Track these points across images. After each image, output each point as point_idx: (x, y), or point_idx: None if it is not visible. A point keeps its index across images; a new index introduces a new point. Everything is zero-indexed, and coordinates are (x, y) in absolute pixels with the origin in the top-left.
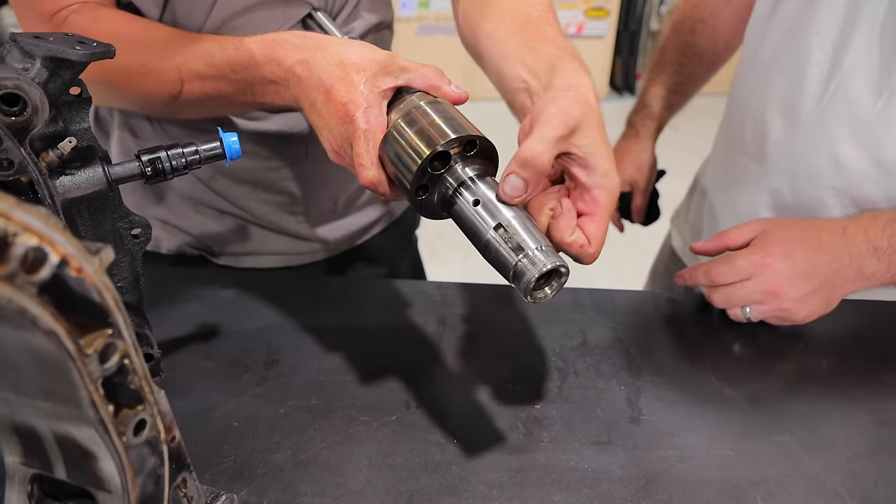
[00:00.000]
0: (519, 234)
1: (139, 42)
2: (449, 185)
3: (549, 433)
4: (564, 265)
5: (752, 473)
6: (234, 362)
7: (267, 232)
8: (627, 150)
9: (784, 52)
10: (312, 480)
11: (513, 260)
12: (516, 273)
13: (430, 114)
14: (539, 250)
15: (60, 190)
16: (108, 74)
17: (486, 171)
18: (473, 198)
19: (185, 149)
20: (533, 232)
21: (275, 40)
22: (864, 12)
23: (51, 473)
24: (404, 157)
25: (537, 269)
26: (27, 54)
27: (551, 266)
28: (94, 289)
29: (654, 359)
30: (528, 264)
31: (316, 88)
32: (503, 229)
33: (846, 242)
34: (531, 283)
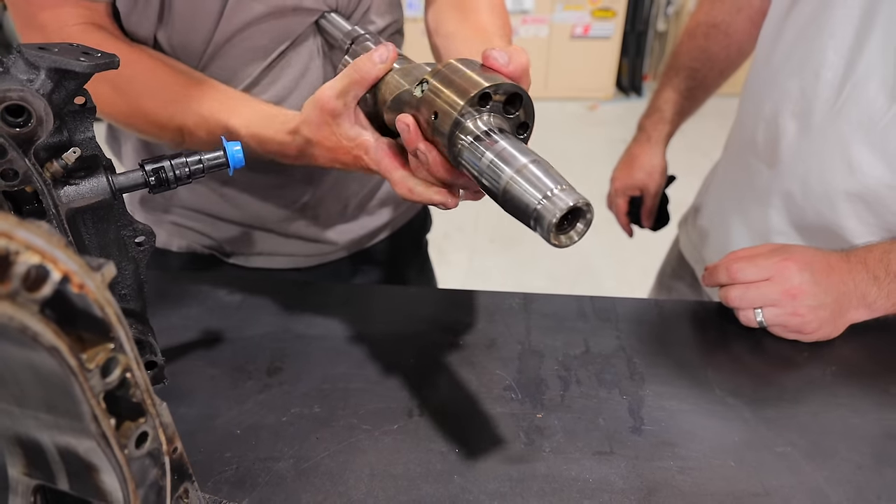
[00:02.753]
0: (538, 176)
1: (148, 89)
2: (463, 141)
3: (550, 443)
4: (587, 202)
5: (754, 485)
6: (237, 369)
7: (277, 235)
8: (638, 154)
9: (798, 54)
10: (314, 489)
11: (534, 201)
12: (538, 216)
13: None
14: (561, 190)
15: (65, 200)
16: (121, 113)
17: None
18: (489, 149)
19: (188, 158)
20: (552, 173)
21: (265, 139)
22: (881, 15)
23: (53, 485)
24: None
25: (558, 209)
26: (32, 66)
27: (573, 203)
28: (97, 304)
29: (657, 368)
30: (549, 205)
31: (328, 163)
32: (521, 173)
33: (850, 269)
34: (552, 224)
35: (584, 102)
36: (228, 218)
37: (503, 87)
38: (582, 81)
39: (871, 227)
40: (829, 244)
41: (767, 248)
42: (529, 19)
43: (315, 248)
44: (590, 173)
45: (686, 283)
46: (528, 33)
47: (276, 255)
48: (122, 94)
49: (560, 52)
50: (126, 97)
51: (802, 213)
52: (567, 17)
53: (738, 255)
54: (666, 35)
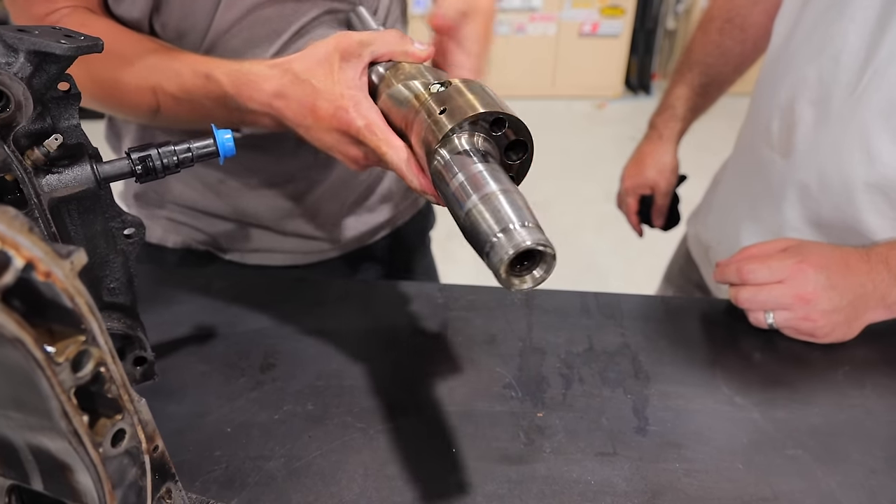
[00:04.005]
0: (502, 206)
1: (119, 57)
2: (440, 158)
3: (551, 443)
4: (551, 249)
5: (763, 489)
6: (229, 365)
7: (274, 233)
8: (649, 152)
9: (816, 39)
10: (305, 490)
11: (488, 231)
12: (490, 249)
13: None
14: (522, 226)
15: (47, 189)
16: (93, 86)
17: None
18: (462, 170)
19: (176, 146)
20: (520, 207)
21: (244, 73)
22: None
23: (27, 485)
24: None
25: (511, 246)
26: (10, 48)
27: (531, 244)
28: (65, 294)
29: (663, 366)
30: (506, 239)
31: (300, 113)
32: (486, 201)
33: (870, 269)
34: (503, 262)
35: (592, 101)
36: (225, 215)
37: (494, 119)
38: (590, 80)
39: (891, 221)
40: (846, 240)
41: (782, 245)
42: (537, 17)
43: (313, 245)
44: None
45: (693, 282)
46: (537, 31)
47: (273, 252)
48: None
49: (568, 50)
50: (92, 66)
51: (818, 207)
52: (575, 14)
53: (751, 252)
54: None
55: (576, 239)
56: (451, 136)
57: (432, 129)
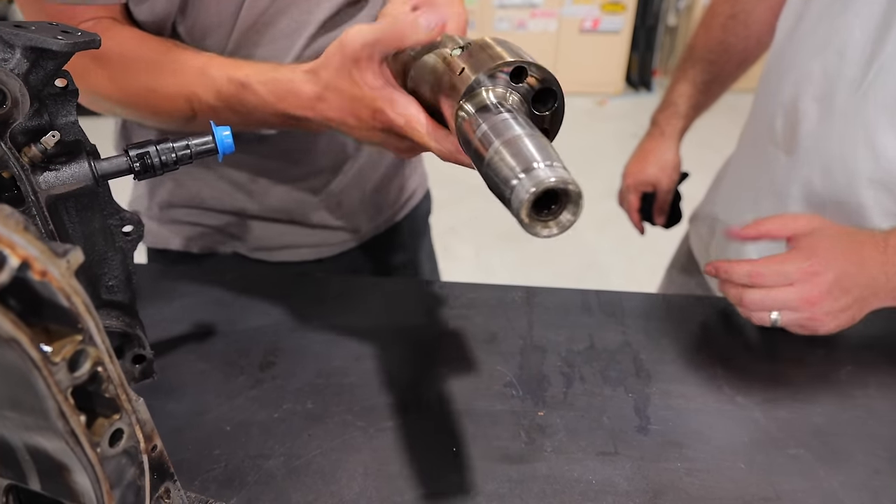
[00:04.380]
0: (527, 144)
1: (149, 64)
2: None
3: (552, 442)
4: (574, 184)
5: (765, 489)
6: (229, 363)
7: (301, 226)
8: (651, 149)
9: (821, 34)
10: (305, 489)
11: (511, 173)
12: (513, 191)
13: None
14: (548, 165)
15: (44, 186)
16: (123, 95)
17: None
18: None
19: (175, 143)
20: (543, 144)
21: (281, 81)
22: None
23: (25, 485)
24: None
25: (533, 185)
26: (7, 44)
27: (554, 182)
28: (62, 293)
29: (665, 365)
30: (528, 180)
31: (343, 116)
32: (509, 144)
33: (886, 260)
34: (525, 203)
35: (592, 97)
36: (254, 213)
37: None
38: (591, 76)
39: (894, 218)
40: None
41: (800, 225)
42: (538, 13)
43: (337, 236)
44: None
45: (695, 280)
46: (537, 27)
47: (300, 248)
48: (114, 72)
49: (569, 46)
50: (123, 75)
51: (822, 204)
52: (576, 10)
53: (767, 228)
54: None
55: (577, 236)
56: (476, 88)
57: (457, 84)
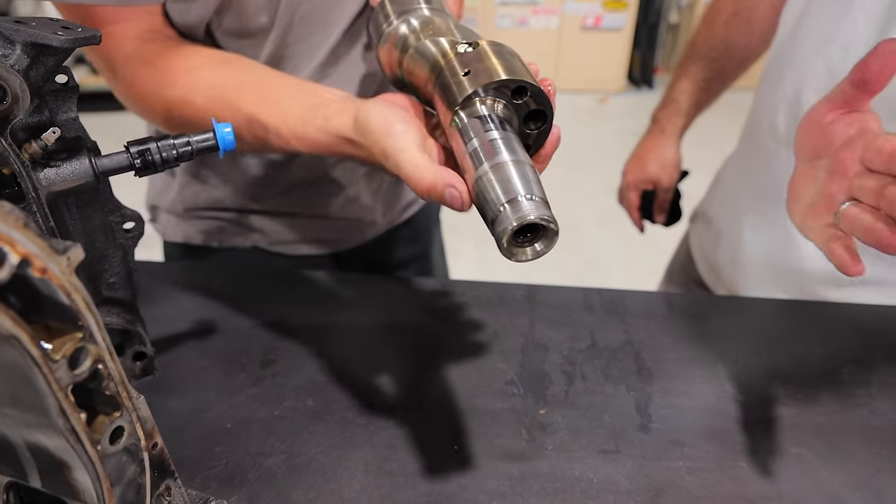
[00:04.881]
0: (513, 174)
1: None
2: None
3: (553, 440)
4: (552, 221)
5: (767, 488)
6: (229, 361)
7: (318, 220)
8: (651, 147)
9: (824, 29)
10: (306, 487)
11: (496, 201)
12: (495, 219)
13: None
14: (526, 198)
15: (44, 182)
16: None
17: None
18: (478, 136)
19: (175, 140)
20: (529, 177)
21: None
22: None
23: (25, 482)
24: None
25: (515, 217)
26: (7, 40)
27: (537, 218)
28: (62, 290)
29: (666, 363)
30: (511, 211)
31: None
32: (499, 166)
33: None
34: (509, 230)
35: (594, 95)
36: (271, 208)
37: (516, 87)
38: (593, 73)
39: None
40: (870, 248)
41: None
42: (540, 10)
43: (354, 228)
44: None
45: (695, 279)
46: (539, 24)
47: (318, 242)
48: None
49: (571, 43)
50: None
51: None
52: (578, 7)
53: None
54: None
55: (578, 233)
56: (473, 99)
57: (454, 89)
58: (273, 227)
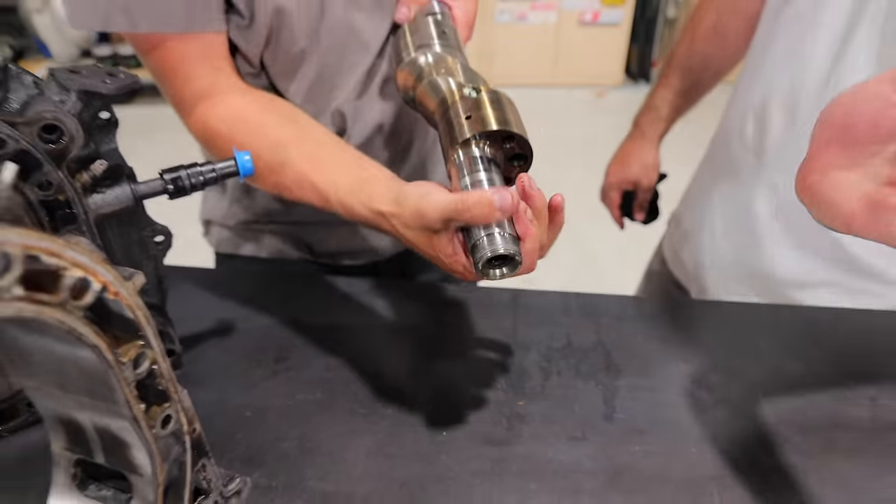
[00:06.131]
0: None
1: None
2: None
3: (529, 428)
4: (518, 255)
5: (711, 469)
6: (247, 357)
7: (357, 232)
8: (632, 150)
9: (789, 45)
10: (316, 466)
11: (477, 234)
12: (475, 246)
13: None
14: (501, 235)
15: (93, 207)
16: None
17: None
18: (470, 174)
19: (202, 167)
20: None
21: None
22: (869, 9)
23: (91, 459)
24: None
25: (490, 249)
26: (63, 88)
27: (505, 251)
28: (129, 308)
29: (633, 361)
30: (486, 241)
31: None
32: None
33: None
34: (482, 259)
35: (592, 89)
36: (316, 219)
37: (505, 135)
38: (590, 68)
39: None
40: (814, 237)
41: None
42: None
43: (390, 240)
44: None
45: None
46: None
47: (358, 252)
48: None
49: (569, 38)
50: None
51: (788, 204)
52: (576, 3)
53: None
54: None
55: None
56: (470, 141)
57: (456, 129)
58: (316, 239)
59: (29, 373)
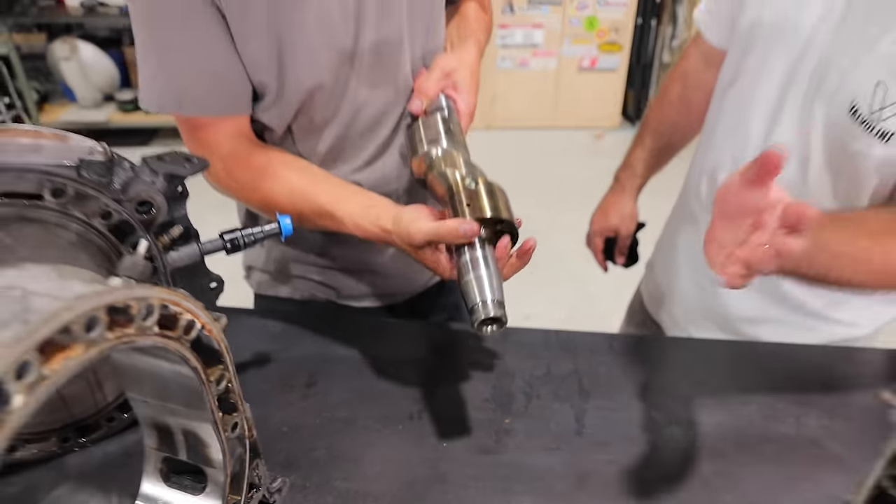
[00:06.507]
0: (485, 284)
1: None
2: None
3: (514, 441)
4: (505, 319)
5: (662, 475)
6: (283, 383)
7: (376, 276)
8: (613, 202)
9: (734, 119)
10: (341, 470)
11: (474, 299)
12: (472, 310)
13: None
14: (492, 302)
15: (170, 262)
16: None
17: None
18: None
19: (253, 230)
20: (495, 285)
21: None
22: (791, 94)
23: (175, 456)
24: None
25: (483, 313)
26: (153, 171)
27: (494, 315)
28: (216, 341)
29: (601, 387)
30: (481, 307)
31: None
32: (478, 277)
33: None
34: (478, 321)
35: (591, 131)
36: (341, 266)
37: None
38: (589, 111)
39: None
40: (772, 293)
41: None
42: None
43: (405, 284)
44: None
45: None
46: (538, 66)
47: (377, 296)
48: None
49: (568, 83)
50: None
51: None
52: (575, 50)
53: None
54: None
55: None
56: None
57: (460, 214)
58: (342, 283)
59: (138, 387)
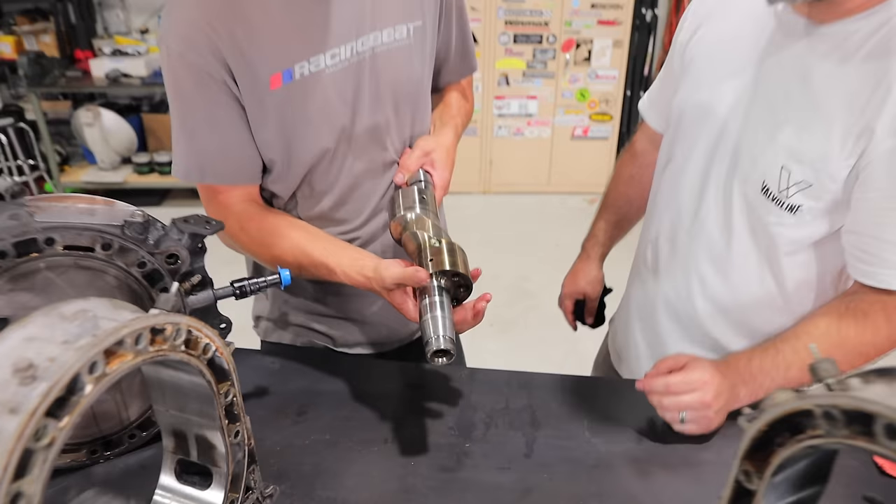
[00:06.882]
0: (439, 323)
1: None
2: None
3: (471, 461)
4: (453, 352)
5: (595, 489)
6: (277, 411)
7: (367, 325)
8: (581, 268)
9: (670, 193)
10: (324, 482)
11: (429, 334)
12: (427, 341)
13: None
14: (443, 337)
15: (190, 304)
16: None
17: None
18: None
19: (258, 279)
20: (447, 325)
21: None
22: (713, 173)
23: (188, 458)
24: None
25: (435, 346)
26: (180, 230)
27: (444, 347)
28: (226, 361)
29: (551, 419)
30: (434, 341)
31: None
32: (433, 318)
33: (736, 372)
34: (430, 352)
35: (584, 196)
36: (336, 314)
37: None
38: (582, 177)
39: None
40: (693, 333)
41: (679, 361)
42: (534, 122)
43: (394, 333)
44: None
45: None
46: (533, 134)
47: (368, 344)
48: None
49: (561, 151)
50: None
51: (677, 310)
52: (568, 119)
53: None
54: None
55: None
56: (432, 275)
57: (425, 265)
58: (336, 333)
59: (163, 399)
